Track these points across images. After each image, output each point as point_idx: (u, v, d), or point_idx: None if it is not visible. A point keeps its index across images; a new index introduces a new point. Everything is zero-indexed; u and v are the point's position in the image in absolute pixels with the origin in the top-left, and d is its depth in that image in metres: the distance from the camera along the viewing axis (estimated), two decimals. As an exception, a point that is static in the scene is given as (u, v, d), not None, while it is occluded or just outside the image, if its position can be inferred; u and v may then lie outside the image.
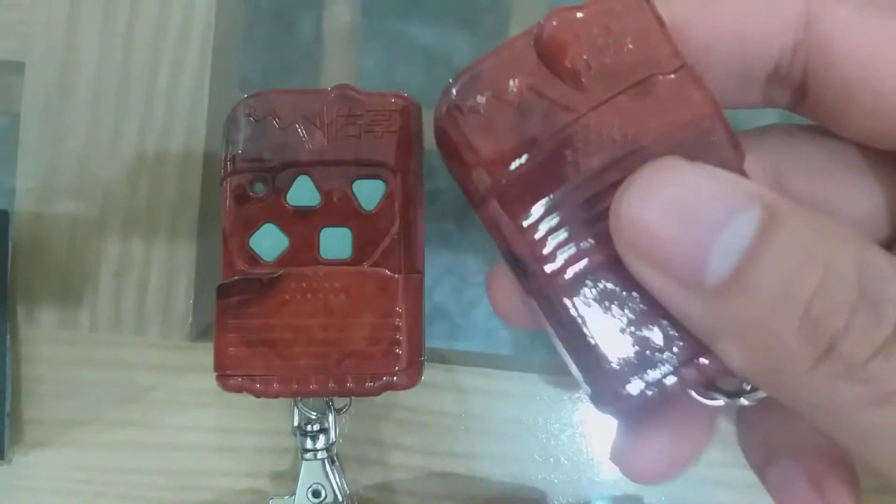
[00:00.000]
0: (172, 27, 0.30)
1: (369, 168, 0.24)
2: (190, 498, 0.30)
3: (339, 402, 0.27)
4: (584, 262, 0.18)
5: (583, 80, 0.18)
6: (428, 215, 0.25)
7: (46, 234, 0.30)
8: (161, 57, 0.30)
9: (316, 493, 0.27)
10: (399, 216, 0.24)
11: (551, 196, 0.18)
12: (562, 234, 0.18)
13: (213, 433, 0.30)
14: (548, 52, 0.18)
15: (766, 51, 0.18)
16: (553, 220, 0.18)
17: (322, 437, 0.27)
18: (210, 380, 0.24)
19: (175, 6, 0.30)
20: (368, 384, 0.24)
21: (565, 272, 0.18)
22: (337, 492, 0.27)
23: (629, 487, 0.29)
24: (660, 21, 0.18)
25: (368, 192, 0.24)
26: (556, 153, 0.18)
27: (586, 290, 0.18)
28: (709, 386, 0.18)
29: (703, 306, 0.16)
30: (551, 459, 0.29)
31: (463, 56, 0.37)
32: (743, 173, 0.18)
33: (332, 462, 0.27)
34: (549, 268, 0.18)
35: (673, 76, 0.18)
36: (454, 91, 0.19)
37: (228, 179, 0.24)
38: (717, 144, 0.18)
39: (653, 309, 0.17)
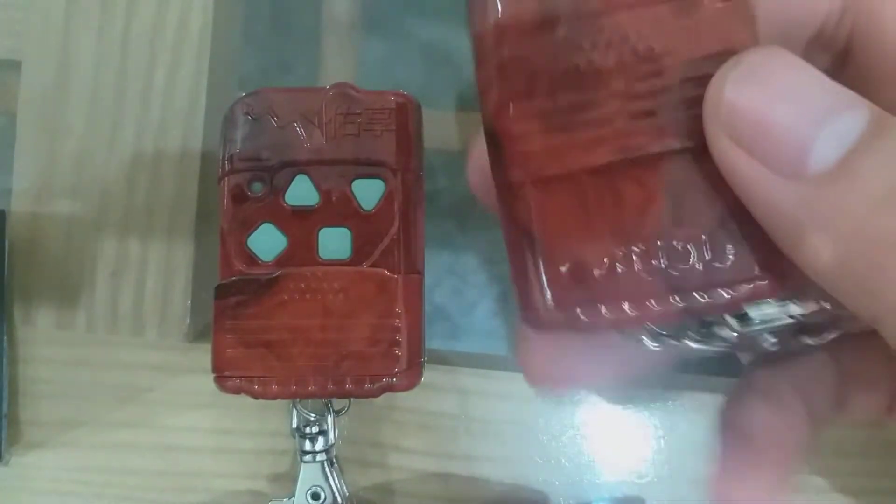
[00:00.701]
0: (170, 25, 0.30)
1: (368, 167, 0.24)
2: (188, 499, 0.29)
3: (337, 403, 0.27)
4: (565, 163, 0.17)
5: None
6: (428, 215, 0.25)
7: (43, 234, 0.30)
8: (158, 55, 0.30)
9: (315, 496, 0.27)
10: (398, 216, 0.24)
11: (551, 81, 0.17)
12: (545, 124, 0.17)
13: (211, 434, 0.29)
14: None
15: (813, 11, 0.18)
16: (544, 106, 0.17)
17: (321, 439, 0.27)
18: (208, 381, 0.24)
19: (172, 4, 0.30)
20: (367, 385, 0.24)
21: (538, 166, 0.17)
22: (336, 494, 0.27)
23: (631, 489, 0.29)
24: None
25: (367, 192, 0.24)
26: (572, 38, 0.17)
27: (558, 192, 0.17)
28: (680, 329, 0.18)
29: (797, 196, 0.15)
30: (552, 461, 0.29)
31: (463, 54, 0.37)
32: None
33: (332, 464, 0.27)
34: (521, 153, 0.17)
35: (722, 4, 0.16)
36: None
37: (226, 179, 0.24)
38: None
39: (627, 235, 0.17)
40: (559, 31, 0.17)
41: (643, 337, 0.18)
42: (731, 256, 0.17)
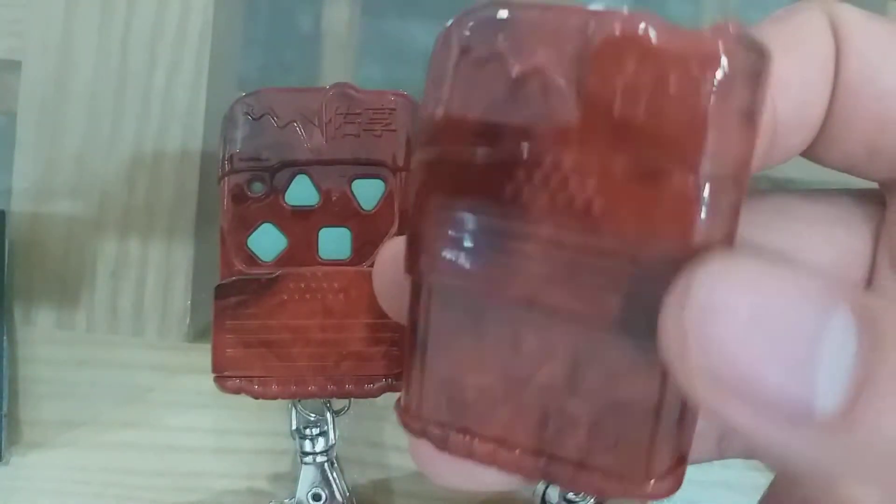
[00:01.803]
0: (170, 25, 0.30)
1: (368, 167, 0.24)
2: (188, 499, 0.29)
3: (337, 403, 0.27)
4: (468, 282, 0.15)
5: (598, 116, 0.14)
6: (427, 215, 0.25)
7: (43, 233, 0.30)
8: (158, 55, 0.30)
9: (316, 497, 0.27)
10: (399, 216, 0.24)
11: (474, 197, 0.15)
12: (458, 238, 0.15)
13: (211, 434, 0.29)
14: (595, 59, 0.14)
15: (821, 103, 0.16)
16: (462, 219, 0.15)
17: (321, 440, 0.27)
18: (208, 381, 0.24)
19: (172, 4, 0.30)
20: (367, 385, 0.24)
21: (442, 275, 0.15)
22: (337, 495, 0.27)
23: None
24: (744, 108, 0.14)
25: (367, 192, 0.24)
26: (508, 159, 0.14)
27: (457, 308, 0.15)
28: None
29: (815, 444, 0.12)
30: (552, 461, 0.29)
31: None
32: None
33: (332, 465, 0.27)
34: (430, 258, 0.15)
35: (692, 185, 0.13)
36: (470, 24, 0.15)
37: (226, 179, 0.24)
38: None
39: (515, 381, 0.15)
40: (497, 147, 0.15)
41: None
42: (614, 447, 0.15)
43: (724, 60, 0.13)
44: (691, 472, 0.20)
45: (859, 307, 0.12)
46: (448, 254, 0.15)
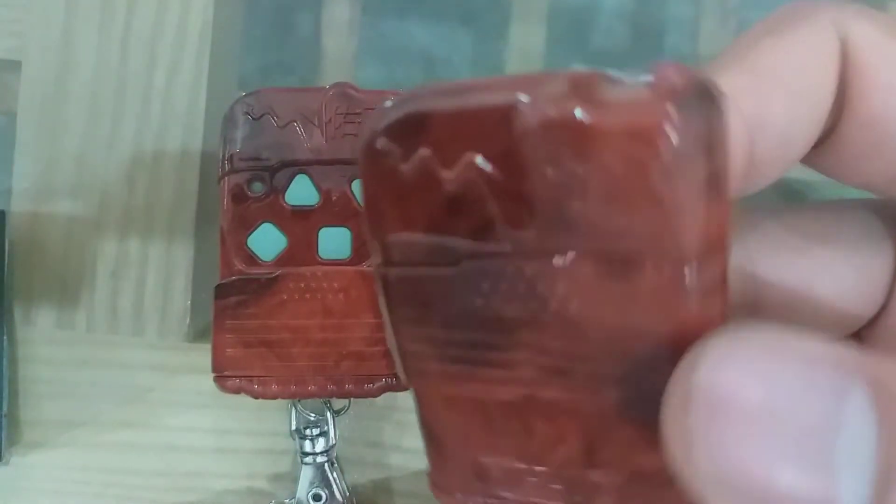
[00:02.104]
0: (170, 25, 0.30)
1: (368, 167, 0.24)
2: (188, 499, 0.29)
3: (337, 403, 0.27)
4: (465, 389, 0.15)
5: (550, 214, 0.12)
6: (427, 215, 0.25)
7: (43, 233, 0.30)
8: (158, 55, 0.30)
9: (316, 497, 0.27)
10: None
11: (445, 316, 0.14)
12: (439, 351, 0.14)
13: (211, 434, 0.29)
14: (527, 157, 0.12)
15: (821, 108, 0.15)
16: (437, 335, 0.14)
17: (321, 440, 0.27)
18: (208, 381, 0.24)
19: (172, 4, 0.30)
20: (367, 385, 0.24)
21: (433, 386, 0.15)
22: (338, 495, 0.27)
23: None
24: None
25: (368, 192, 0.24)
26: (470, 275, 0.13)
27: (461, 407, 0.15)
28: None
29: None
30: (552, 461, 0.29)
31: (463, 55, 0.37)
32: None
33: (332, 465, 0.27)
34: (415, 370, 0.15)
35: (669, 275, 0.12)
36: (383, 125, 0.13)
37: (226, 179, 0.24)
38: (664, 366, 0.12)
39: (533, 460, 0.14)
40: (454, 265, 0.13)
41: None
42: None
43: (670, 132, 0.11)
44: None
45: (874, 383, 0.11)
46: (435, 364, 0.14)
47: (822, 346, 0.11)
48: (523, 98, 0.12)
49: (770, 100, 0.15)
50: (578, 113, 0.12)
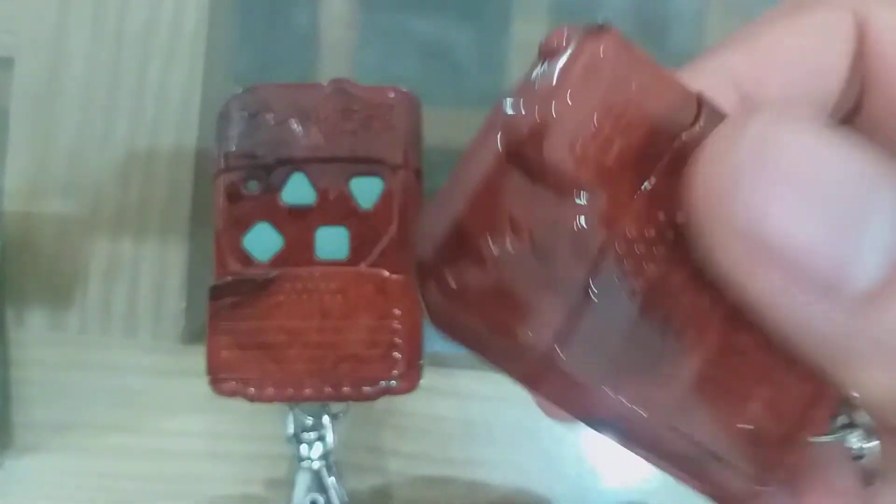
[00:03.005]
0: (164, 21, 0.30)
1: (367, 165, 0.24)
2: (183, 504, 0.29)
3: (335, 407, 0.27)
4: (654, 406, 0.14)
5: (589, 179, 0.13)
6: (427, 214, 0.25)
7: (35, 233, 0.30)
8: (152, 51, 0.30)
9: (313, 503, 0.27)
10: (398, 215, 0.24)
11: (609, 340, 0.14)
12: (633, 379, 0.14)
13: (206, 438, 0.29)
14: (524, 162, 0.13)
15: (826, 88, 0.16)
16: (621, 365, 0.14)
17: (319, 445, 0.27)
18: (203, 384, 0.24)
19: (166, 0, 0.30)
20: (365, 389, 0.24)
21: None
22: (335, 501, 0.27)
23: (635, 495, 0.29)
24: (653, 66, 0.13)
25: (366, 190, 0.24)
26: (602, 286, 0.13)
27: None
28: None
29: (837, 320, 0.12)
30: (554, 466, 0.29)
31: (462, 50, 0.37)
32: None
33: (329, 470, 0.27)
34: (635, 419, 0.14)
35: (698, 126, 0.13)
36: (438, 268, 0.13)
37: (221, 177, 0.24)
38: None
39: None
40: (582, 286, 0.13)
41: None
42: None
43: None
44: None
45: None
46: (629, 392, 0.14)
47: (871, 146, 0.12)
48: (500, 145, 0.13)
49: (766, 77, 0.15)
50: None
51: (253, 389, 0.24)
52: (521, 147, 0.12)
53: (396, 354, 0.23)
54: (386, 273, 0.24)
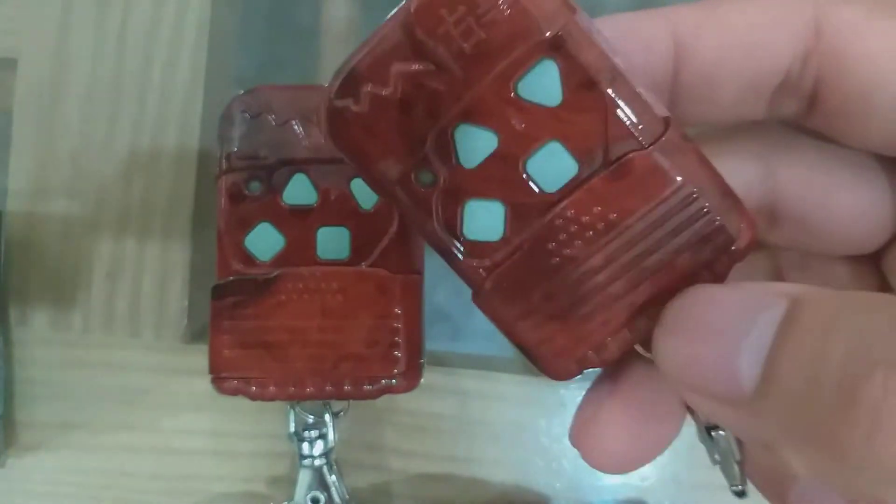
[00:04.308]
0: (166, 22, 0.30)
1: (367, 166, 0.24)
2: (184, 502, 0.29)
3: (336, 405, 0.27)
4: (586, 345, 0.17)
5: (458, 60, 0.16)
6: (427, 214, 0.25)
7: (39, 233, 0.30)
8: (155, 53, 0.30)
9: (315, 500, 0.27)
10: (398, 215, 0.24)
11: (541, 286, 0.17)
12: (557, 322, 0.17)
13: (209, 437, 0.29)
14: (413, 36, 0.16)
15: (778, 62, 0.18)
16: (545, 308, 0.17)
17: (320, 443, 0.27)
18: (205, 382, 0.24)
19: (169, 1, 0.30)
20: (366, 387, 0.24)
21: (570, 355, 0.17)
22: (336, 498, 0.27)
23: (632, 492, 0.29)
24: None
25: (366, 191, 0.24)
26: (537, 248, 0.17)
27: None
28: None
29: (749, 417, 0.15)
30: (553, 464, 0.29)
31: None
32: (749, 231, 0.17)
33: (331, 467, 0.27)
34: (552, 353, 0.17)
35: (652, 152, 0.16)
36: (332, 92, 0.17)
37: (223, 178, 0.24)
38: (707, 214, 0.16)
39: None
40: (519, 249, 0.17)
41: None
42: None
43: None
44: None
45: (794, 298, 0.14)
46: (560, 339, 0.17)
47: (759, 286, 0.16)
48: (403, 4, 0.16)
49: (706, 33, 0.17)
50: None
51: (255, 388, 0.24)
52: (415, 17, 0.16)
53: (397, 353, 0.23)
54: (386, 273, 0.24)
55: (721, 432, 0.18)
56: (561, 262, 0.17)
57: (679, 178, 0.16)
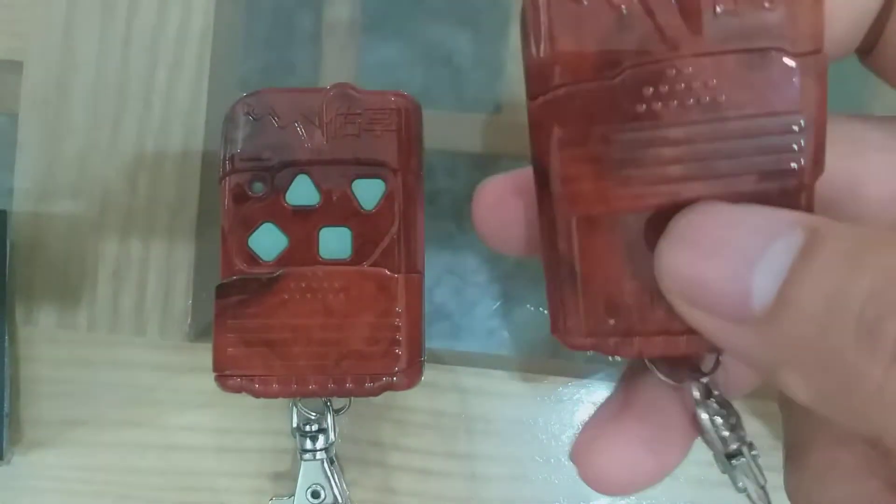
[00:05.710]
0: (171, 26, 0.30)
1: (369, 167, 0.24)
2: (189, 499, 0.29)
3: (337, 402, 0.27)
4: (613, 205, 0.16)
5: (702, 20, 0.15)
6: (428, 215, 0.25)
7: (45, 233, 0.30)
8: (160, 56, 0.30)
9: (315, 494, 0.27)
10: (399, 216, 0.24)
11: (608, 126, 0.16)
12: (597, 168, 0.16)
13: (213, 433, 0.29)
14: None
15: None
16: (597, 150, 0.16)
17: (321, 438, 0.27)
18: (209, 380, 0.24)
19: (173, 5, 0.30)
20: (368, 384, 0.24)
21: (586, 207, 0.17)
22: (336, 493, 0.27)
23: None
24: None
25: (368, 192, 0.24)
26: (634, 84, 0.16)
27: (602, 231, 0.17)
28: (674, 364, 0.18)
29: (756, 338, 0.15)
30: (552, 460, 0.29)
31: (463, 55, 0.37)
32: (809, 192, 0.16)
33: (332, 462, 0.27)
34: (571, 194, 0.17)
35: (795, 61, 0.15)
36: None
37: (227, 179, 0.24)
38: (794, 152, 0.16)
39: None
40: (619, 75, 0.16)
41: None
42: None
43: None
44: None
45: (813, 228, 0.14)
46: (590, 182, 0.16)
47: (774, 212, 0.15)
48: None
49: None
50: None
51: (258, 385, 0.24)
52: None
53: (398, 351, 0.24)
54: (387, 272, 0.24)
55: (742, 459, 0.18)
56: (644, 113, 0.16)
57: (799, 103, 0.15)
